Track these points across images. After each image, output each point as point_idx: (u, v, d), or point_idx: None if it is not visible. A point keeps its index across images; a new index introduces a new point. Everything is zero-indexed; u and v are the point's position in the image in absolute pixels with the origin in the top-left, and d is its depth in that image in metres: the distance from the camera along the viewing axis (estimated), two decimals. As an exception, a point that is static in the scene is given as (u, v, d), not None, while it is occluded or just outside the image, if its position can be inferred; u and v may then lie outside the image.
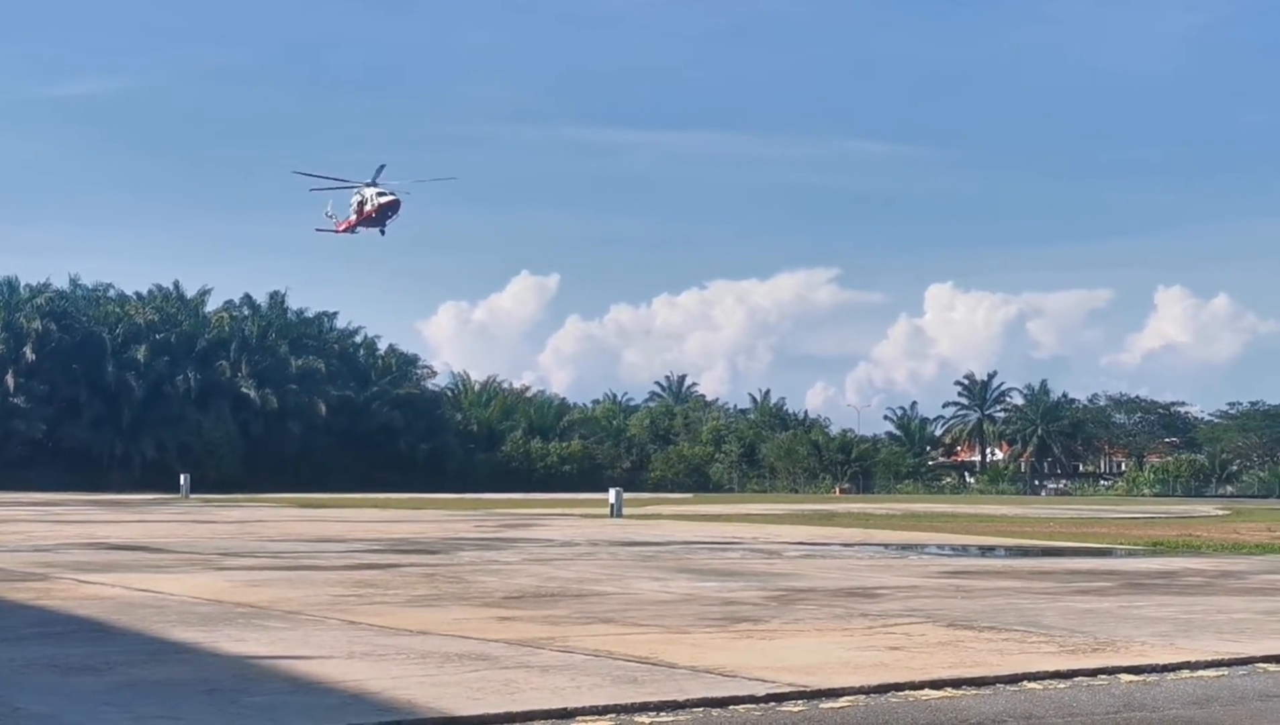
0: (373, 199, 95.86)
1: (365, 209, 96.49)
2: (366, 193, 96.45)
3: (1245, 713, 10.27)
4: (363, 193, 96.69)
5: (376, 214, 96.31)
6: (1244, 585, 22.17)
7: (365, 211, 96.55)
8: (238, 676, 11.35)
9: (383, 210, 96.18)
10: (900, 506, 75.48)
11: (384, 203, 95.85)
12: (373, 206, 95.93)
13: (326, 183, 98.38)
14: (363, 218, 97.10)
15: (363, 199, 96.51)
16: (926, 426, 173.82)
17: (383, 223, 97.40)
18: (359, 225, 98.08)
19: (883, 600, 18.65)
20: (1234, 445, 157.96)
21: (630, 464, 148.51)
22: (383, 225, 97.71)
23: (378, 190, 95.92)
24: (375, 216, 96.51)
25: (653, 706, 10.00)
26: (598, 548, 32.27)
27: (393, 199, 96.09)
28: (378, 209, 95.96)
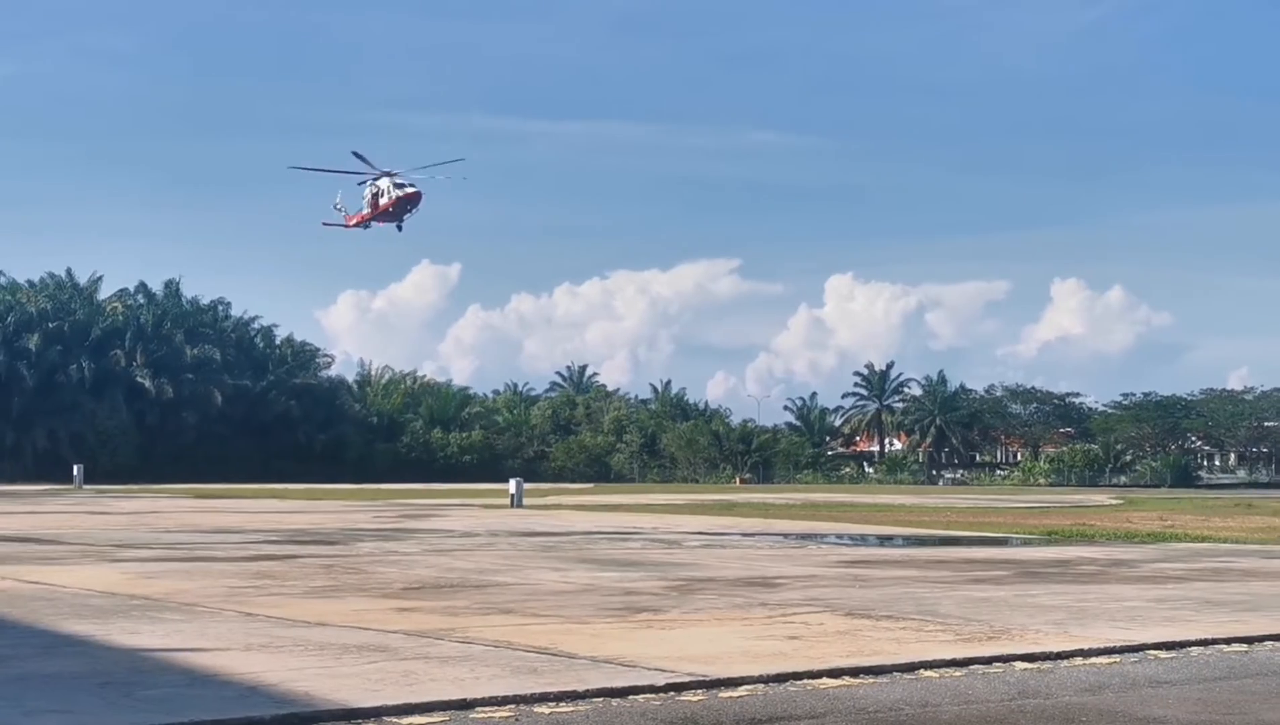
0: (390, 191, 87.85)
1: (381, 202, 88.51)
2: (382, 184, 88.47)
3: (1136, 699, 10.43)
4: (378, 184, 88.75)
5: (394, 207, 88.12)
6: (1136, 573, 22.51)
7: (381, 205, 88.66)
8: (132, 669, 11.20)
9: (401, 203, 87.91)
10: (800, 496, 75.92)
11: (403, 196, 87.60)
12: (390, 200, 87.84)
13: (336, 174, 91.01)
14: (378, 211, 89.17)
15: (378, 191, 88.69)
16: (826, 417, 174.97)
17: (400, 217, 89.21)
18: (373, 219, 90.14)
19: (782, 590, 18.75)
20: (1127, 435, 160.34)
21: (531, 454, 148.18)
22: (400, 220, 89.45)
23: (395, 181, 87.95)
24: (393, 210, 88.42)
25: (552, 697, 9.99)
26: (498, 538, 32.20)
27: (413, 191, 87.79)
28: (395, 202, 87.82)
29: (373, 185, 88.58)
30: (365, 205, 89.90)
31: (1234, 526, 40.55)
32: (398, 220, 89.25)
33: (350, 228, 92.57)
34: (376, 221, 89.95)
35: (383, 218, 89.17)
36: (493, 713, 9.52)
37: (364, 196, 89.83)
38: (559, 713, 9.57)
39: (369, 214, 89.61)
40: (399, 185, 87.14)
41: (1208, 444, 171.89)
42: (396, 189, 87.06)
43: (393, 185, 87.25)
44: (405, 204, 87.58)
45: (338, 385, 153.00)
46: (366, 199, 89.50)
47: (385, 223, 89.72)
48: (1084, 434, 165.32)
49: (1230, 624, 14.78)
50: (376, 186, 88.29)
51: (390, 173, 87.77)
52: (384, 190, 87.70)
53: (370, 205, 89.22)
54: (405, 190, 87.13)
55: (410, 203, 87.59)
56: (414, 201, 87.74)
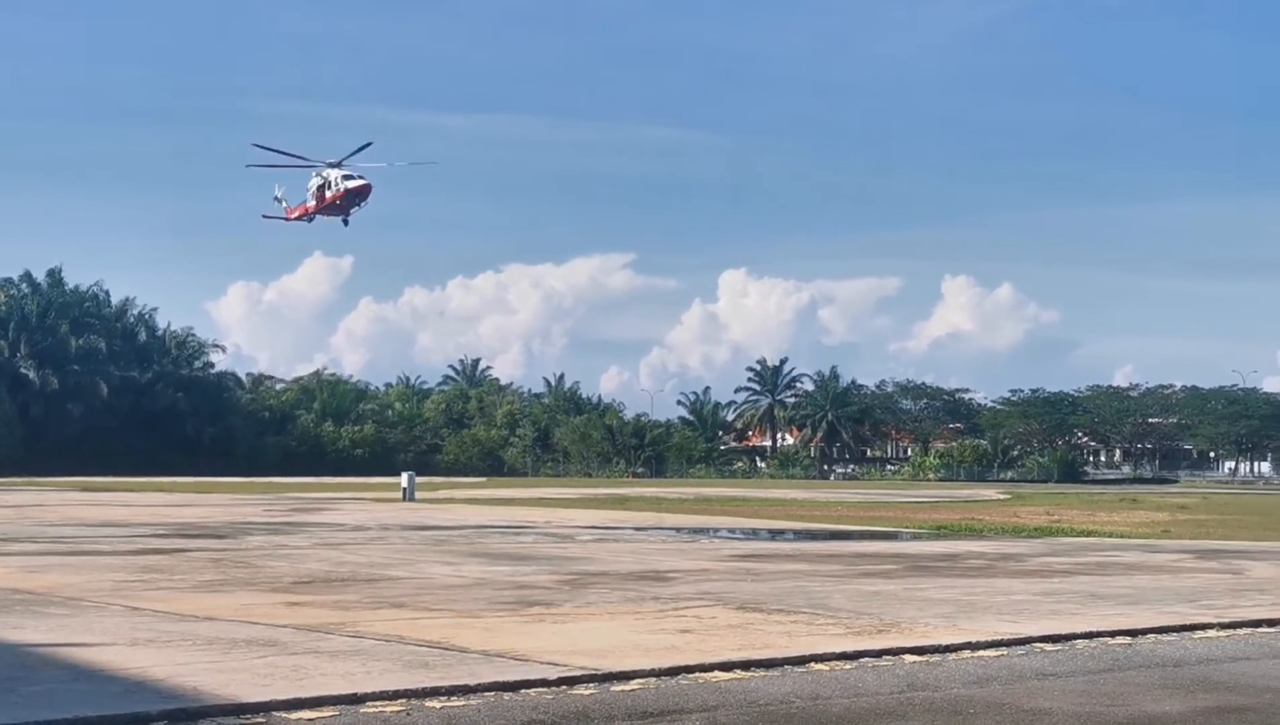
0: (337, 183, 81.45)
1: (328, 194, 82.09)
2: (330, 175, 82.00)
3: (1023, 691, 10.56)
4: (325, 175, 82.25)
5: (341, 200, 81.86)
6: (1023, 567, 22.80)
7: (327, 197, 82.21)
8: (15, 665, 11.00)
9: (349, 197, 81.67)
10: (692, 491, 76.19)
11: (352, 188, 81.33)
12: (337, 192, 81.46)
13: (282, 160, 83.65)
14: (324, 204, 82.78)
15: (325, 182, 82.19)
16: (719, 411, 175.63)
17: (348, 211, 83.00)
18: (318, 212, 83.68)
19: (674, 583, 18.80)
20: (1015, 431, 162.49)
21: (424, 448, 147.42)
22: (347, 214, 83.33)
23: (343, 172, 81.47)
24: (340, 203, 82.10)
25: (444, 691, 9.95)
26: (389, 532, 32.02)
27: (362, 184, 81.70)
28: (343, 195, 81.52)
29: (319, 176, 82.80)
30: (310, 197, 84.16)
31: (1119, 521, 41.22)
32: (344, 214, 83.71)
33: (291, 221, 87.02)
34: (322, 215, 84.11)
35: (329, 211, 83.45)
36: (383, 707, 9.46)
37: (308, 188, 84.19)
38: (450, 707, 9.53)
39: (314, 206, 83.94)
40: (348, 177, 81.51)
41: (1094, 440, 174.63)
42: (345, 180, 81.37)
43: (341, 177, 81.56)
44: (354, 197, 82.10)
45: (226, 378, 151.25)
46: (311, 190, 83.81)
47: (331, 216, 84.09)
48: (973, 430, 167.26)
49: (1114, 617, 15.01)
50: (323, 177, 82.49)
51: (338, 164, 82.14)
52: (331, 182, 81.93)
53: (315, 197, 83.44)
54: (354, 182, 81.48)
55: (359, 196, 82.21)
56: (363, 195, 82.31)
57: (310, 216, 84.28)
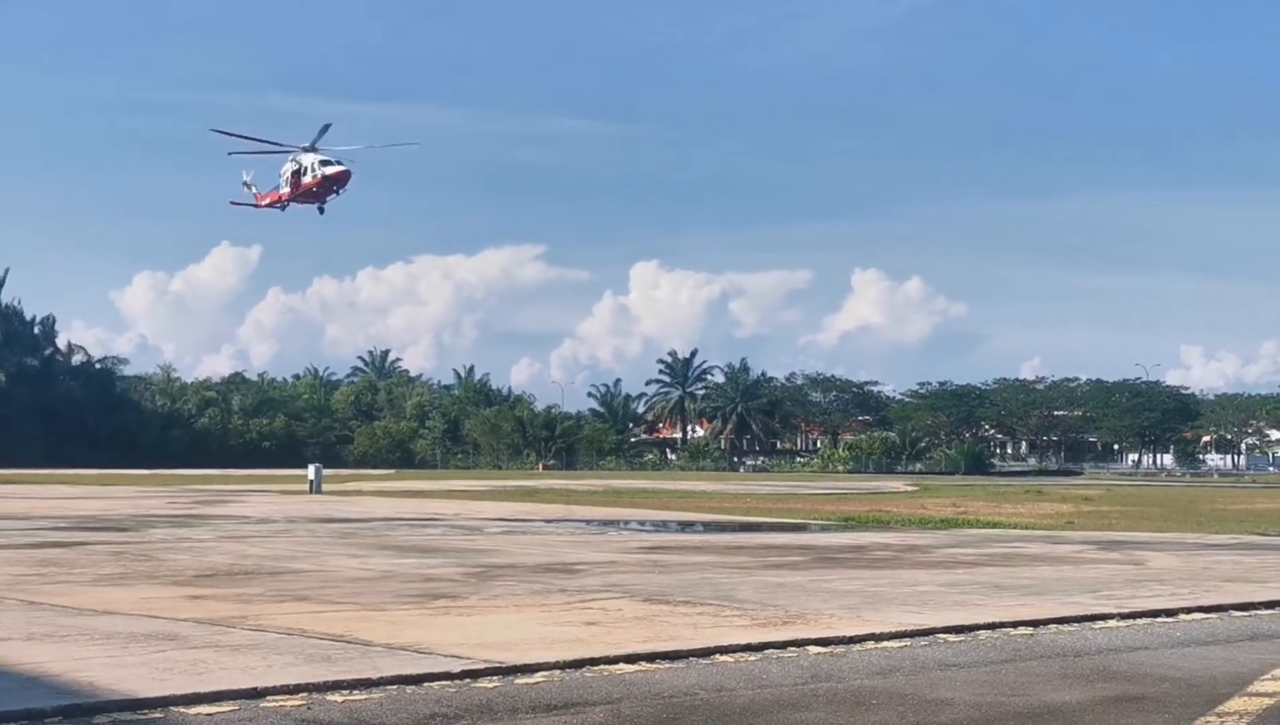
0: (314, 169, 77.78)
1: (304, 181, 78.39)
2: (305, 160, 78.28)
3: (925, 681, 10.62)
4: (300, 160, 78.59)
5: (318, 187, 78.38)
6: (928, 559, 22.96)
7: (304, 184, 78.57)
8: (-94, 661, 10.80)
9: (327, 183, 78.26)
10: (602, 483, 76.21)
11: (331, 175, 77.91)
12: (314, 178, 77.91)
13: (251, 145, 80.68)
14: (299, 191, 79.20)
15: (300, 168, 78.52)
16: (630, 403, 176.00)
17: (324, 198, 79.45)
18: (293, 199, 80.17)
19: (582, 576, 18.77)
20: (923, 423, 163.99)
21: (332, 440, 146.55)
22: (323, 201, 79.72)
23: (320, 158, 77.91)
24: (316, 190, 78.60)
25: (346, 684, 9.85)
26: (295, 525, 31.78)
27: (340, 170, 78.09)
28: (320, 181, 77.96)
29: (293, 161, 79.30)
30: (283, 183, 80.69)
31: (1024, 513, 41.66)
32: (320, 201, 79.96)
33: (261, 208, 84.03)
34: (296, 202, 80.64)
35: (304, 198, 79.88)
36: (284, 701, 9.35)
37: (281, 173, 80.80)
38: (352, 701, 9.44)
39: (288, 193, 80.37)
40: (325, 162, 78.03)
41: (1000, 432, 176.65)
42: (323, 166, 77.88)
43: (318, 162, 77.97)
44: (332, 184, 78.71)
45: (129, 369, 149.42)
46: (285, 176, 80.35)
47: (306, 204, 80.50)
48: (882, 422, 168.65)
49: (1017, 608, 15.14)
50: (298, 163, 78.95)
51: (312, 147, 78.69)
52: (307, 167, 78.32)
53: (290, 184, 79.99)
54: (333, 169, 78.08)
55: (338, 183, 78.85)
56: (342, 182, 78.90)
57: (284, 204, 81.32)
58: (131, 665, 10.54)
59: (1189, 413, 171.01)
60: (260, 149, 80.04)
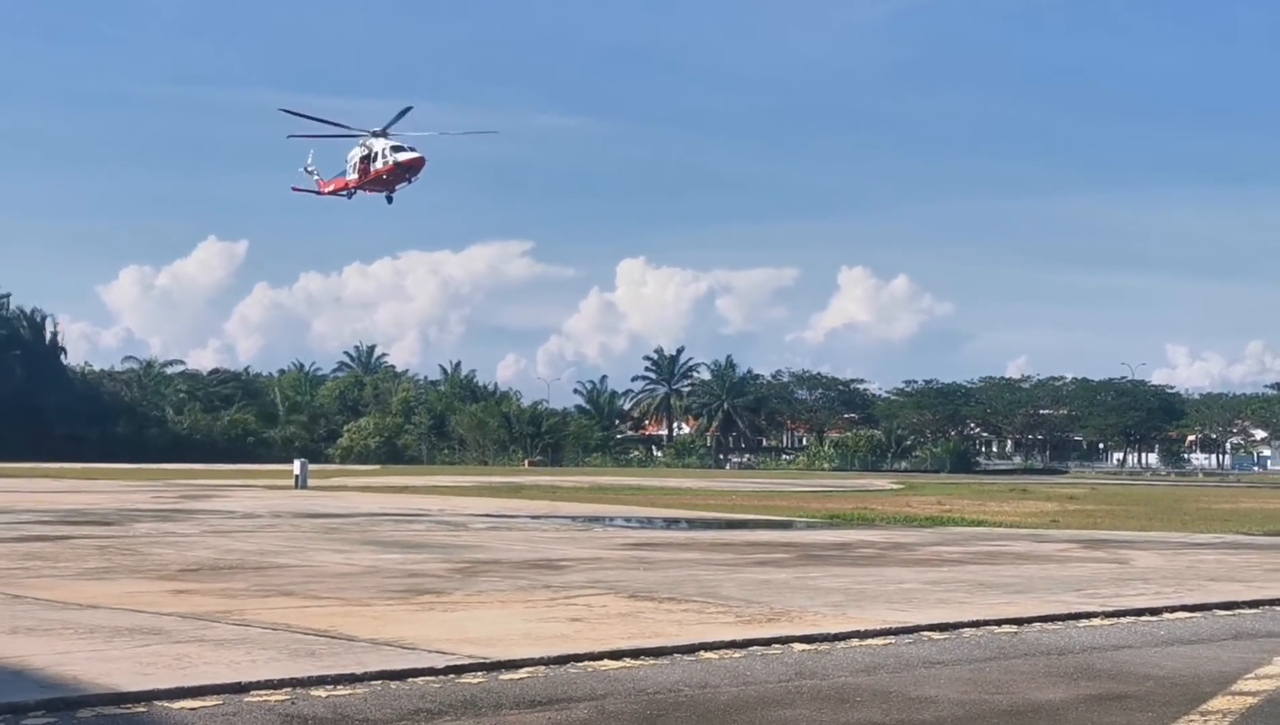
0: (386, 155, 73.43)
1: (375, 167, 74.15)
2: (376, 145, 73.89)
3: (909, 679, 10.63)
4: (370, 145, 74.16)
5: (389, 175, 74.09)
6: (913, 556, 22.98)
7: (374, 171, 74.31)
8: (-112, 654, 10.76)
9: (399, 171, 73.77)
10: (588, 479, 76.18)
11: (404, 161, 73.27)
12: (386, 165, 73.61)
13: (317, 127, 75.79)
14: (369, 179, 74.85)
15: (370, 153, 74.17)
16: (615, 400, 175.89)
17: (394, 186, 75.21)
18: (362, 186, 75.95)
19: (566, 572, 18.76)
20: (909, 421, 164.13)
21: (318, 435, 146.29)
22: (393, 189, 75.48)
23: (392, 143, 73.46)
24: (387, 177, 74.37)
25: (330, 679, 9.84)
26: (280, 519, 31.75)
27: (415, 156, 73.52)
28: (392, 169, 73.60)
29: (363, 146, 74.83)
30: (350, 169, 76.19)
31: (1009, 511, 41.70)
32: (389, 189, 75.60)
33: (325, 195, 79.37)
34: (364, 190, 76.37)
35: (373, 186, 75.59)
36: (268, 696, 9.34)
37: (349, 159, 76.09)
38: (336, 696, 9.42)
39: (356, 180, 75.93)
40: (398, 148, 73.46)
41: (986, 430, 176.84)
42: (395, 152, 73.36)
43: (390, 148, 73.51)
44: (405, 171, 74.07)
45: (112, 366, 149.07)
46: (353, 162, 75.67)
47: (374, 192, 76.19)
48: (868, 420, 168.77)
49: (1001, 606, 15.15)
50: (367, 148, 74.49)
51: (383, 132, 74.14)
52: (378, 153, 73.89)
53: (359, 170, 75.44)
54: (406, 155, 73.36)
55: (411, 170, 74.21)
56: (415, 169, 74.27)
57: (351, 191, 77.27)
58: (116, 659, 10.52)
59: (1174, 412, 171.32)
60: (326, 132, 75.94)
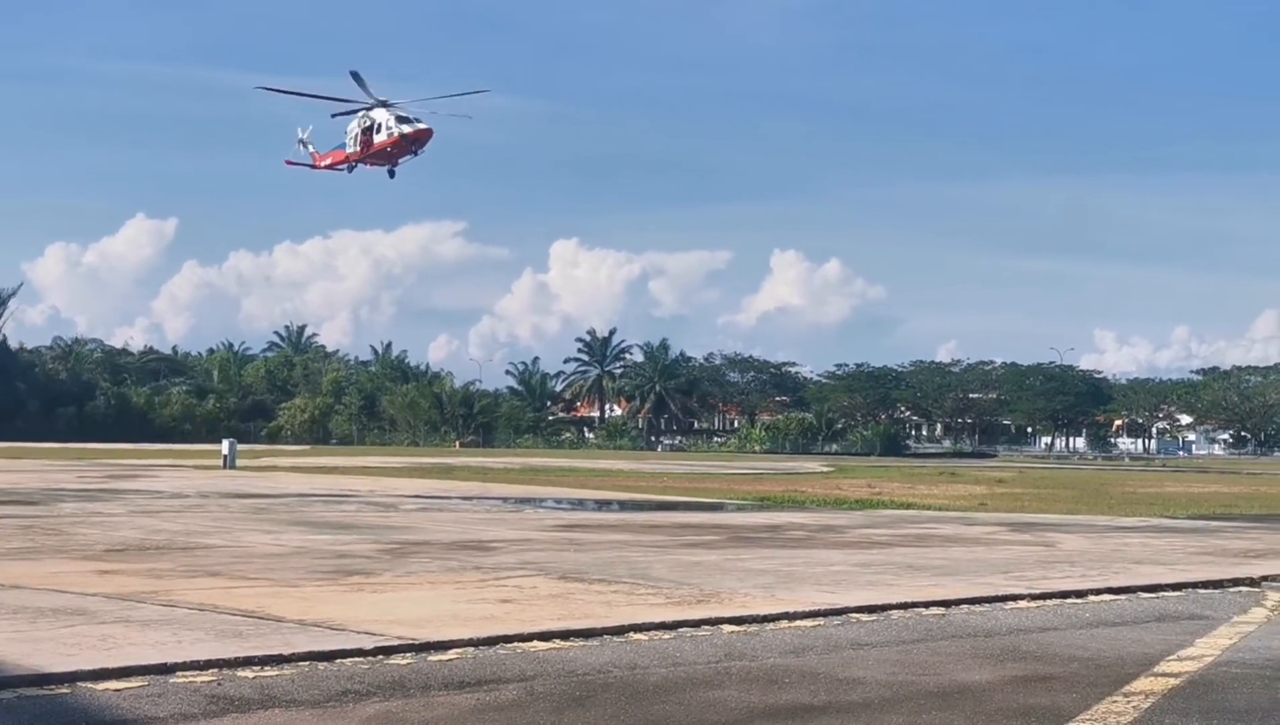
0: (390, 126, 69.63)
1: (377, 139, 70.26)
2: (378, 116, 70.11)
3: (838, 661, 10.68)
4: (371, 116, 70.35)
5: (394, 148, 70.21)
6: (842, 539, 23.09)
7: (377, 143, 70.34)
8: None
9: (404, 143, 70.02)
10: (519, 461, 76.11)
11: (410, 134, 69.57)
12: (391, 137, 69.72)
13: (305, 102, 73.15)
14: (371, 151, 71.00)
15: (373, 125, 70.37)
16: (548, 382, 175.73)
17: (397, 160, 71.44)
18: (363, 159, 72.15)
19: (497, 553, 18.73)
20: (840, 404, 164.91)
21: (247, 415, 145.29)
22: (396, 162, 71.68)
23: (397, 114, 69.68)
24: (391, 150, 70.58)
25: (257, 660, 9.77)
26: (208, 500, 31.53)
27: (422, 128, 69.69)
28: (397, 141, 69.78)
29: (363, 117, 70.99)
30: (351, 142, 72.19)
31: (938, 494, 41.98)
32: (393, 163, 71.83)
33: (320, 168, 75.62)
34: (366, 163, 72.44)
35: (375, 159, 71.80)
36: (194, 677, 9.26)
37: (349, 131, 72.20)
38: (263, 677, 9.36)
39: (358, 153, 72.01)
40: (403, 119, 69.58)
41: (916, 414, 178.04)
42: (400, 124, 69.46)
43: (395, 119, 69.60)
44: (410, 144, 70.25)
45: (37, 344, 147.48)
46: (353, 134, 71.81)
47: (375, 165, 72.35)
48: (799, 403, 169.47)
49: (929, 588, 15.25)
50: (369, 119, 70.64)
51: (386, 102, 70.31)
52: (381, 125, 70.09)
53: (360, 142, 71.43)
54: (413, 127, 69.57)
55: (417, 143, 70.37)
56: (422, 141, 70.35)
57: (351, 165, 73.25)
58: (39, 640, 10.42)
59: (1101, 397, 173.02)
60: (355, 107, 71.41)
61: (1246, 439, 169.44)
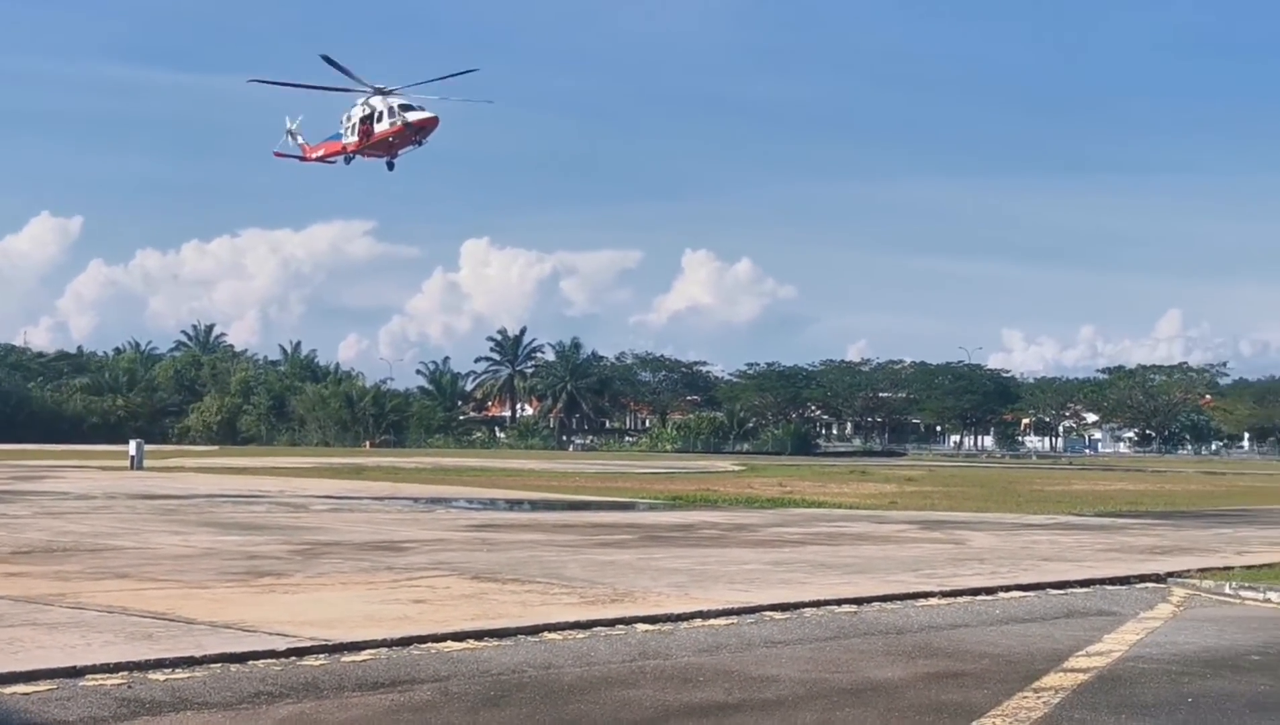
0: (393, 114, 64.16)
1: (378, 129, 64.88)
2: (379, 104, 64.80)
3: (752, 659, 10.73)
4: (371, 104, 65.01)
5: (395, 137, 64.70)
6: (755, 537, 23.19)
7: (378, 133, 64.99)
8: None
9: (408, 132, 64.49)
10: (431, 461, 75.77)
11: (415, 122, 64.04)
12: (394, 126, 64.21)
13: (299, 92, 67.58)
14: (370, 142, 65.68)
15: (373, 113, 64.97)
16: (459, 381, 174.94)
17: (397, 151, 66.08)
18: (362, 150, 66.72)
19: (409, 554, 18.66)
20: (751, 404, 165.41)
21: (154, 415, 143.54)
22: (396, 154, 66.28)
23: (399, 101, 64.28)
24: (393, 140, 65.09)
25: (168, 663, 9.69)
26: (115, 501, 31.16)
27: (427, 116, 64.26)
28: (401, 130, 64.29)
29: (364, 106, 65.67)
30: (348, 131, 66.94)
31: (849, 493, 42.22)
32: (392, 154, 66.54)
33: (311, 161, 70.82)
34: (364, 154, 67.21)
35: (374, 150, 66.41)
36: (104, 680, 9.17)
37: (345, 120, 67.03)
38: (175, 679, 9.28)
39: (356, 143, 66.65)
40: (407, 107, 64.26)
41: (826, 413, 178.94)
42: (403, 111, 64.12)
43: (397, 107, 64.37)
44: (414, 133, 64.77)
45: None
46: (351, 124, 66.57)
47: (374, 156, 67.16)
48: (710, 402, 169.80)
49: (841, 586, 15.35)
50: (369, 107, 65.35)
51: (385, 90, 65.15)
52: (381, 113, 64.89)
53: (358, 132, 66.14)
54: (417, 115, 64.17)
55: (422, 132, 64.91)
56: (427, 130, 65.03)
57: (349, 156, 67.83)
58: (-56, 644, 10.26)
59: (1009, 396, 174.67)
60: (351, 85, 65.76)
61: (1151, 437, 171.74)
